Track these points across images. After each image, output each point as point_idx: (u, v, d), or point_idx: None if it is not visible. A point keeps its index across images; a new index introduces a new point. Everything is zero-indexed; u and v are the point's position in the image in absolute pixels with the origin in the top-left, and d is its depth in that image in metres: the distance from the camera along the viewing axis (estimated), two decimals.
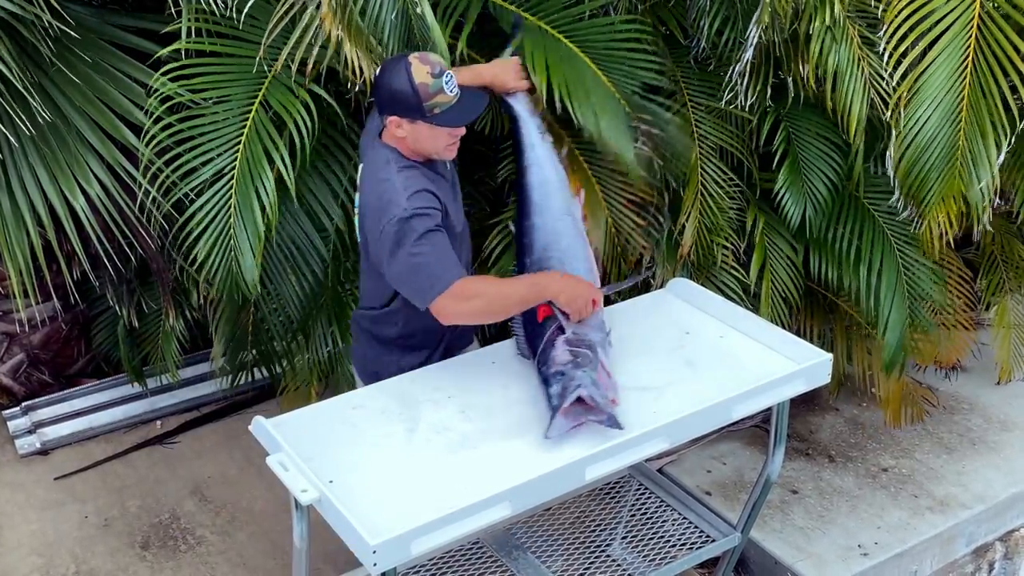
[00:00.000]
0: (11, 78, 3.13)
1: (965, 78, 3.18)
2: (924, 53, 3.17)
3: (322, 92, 3.18)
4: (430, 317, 2.47)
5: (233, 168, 3.18)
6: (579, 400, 2.32)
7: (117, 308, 3.95)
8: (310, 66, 3.09)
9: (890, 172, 3.40)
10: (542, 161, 2.84)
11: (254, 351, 3.71)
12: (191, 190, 3.22)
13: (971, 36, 3.15)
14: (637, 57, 3.34)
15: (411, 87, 2.44)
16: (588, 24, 3.34)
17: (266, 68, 3.20)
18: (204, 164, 3.20)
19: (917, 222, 3.52)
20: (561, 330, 2.52)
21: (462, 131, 2.57)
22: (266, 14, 3.11)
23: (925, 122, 3.23)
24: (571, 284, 2.53)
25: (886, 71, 3.23)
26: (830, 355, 2.59)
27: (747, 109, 3.46)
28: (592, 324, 2.56)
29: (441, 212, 2.51)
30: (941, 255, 3.70)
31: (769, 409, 2.66)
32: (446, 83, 2.47)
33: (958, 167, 3.25)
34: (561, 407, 2.32)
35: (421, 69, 2.45)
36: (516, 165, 2.91)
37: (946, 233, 3.38)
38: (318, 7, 2.92)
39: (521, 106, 2.88)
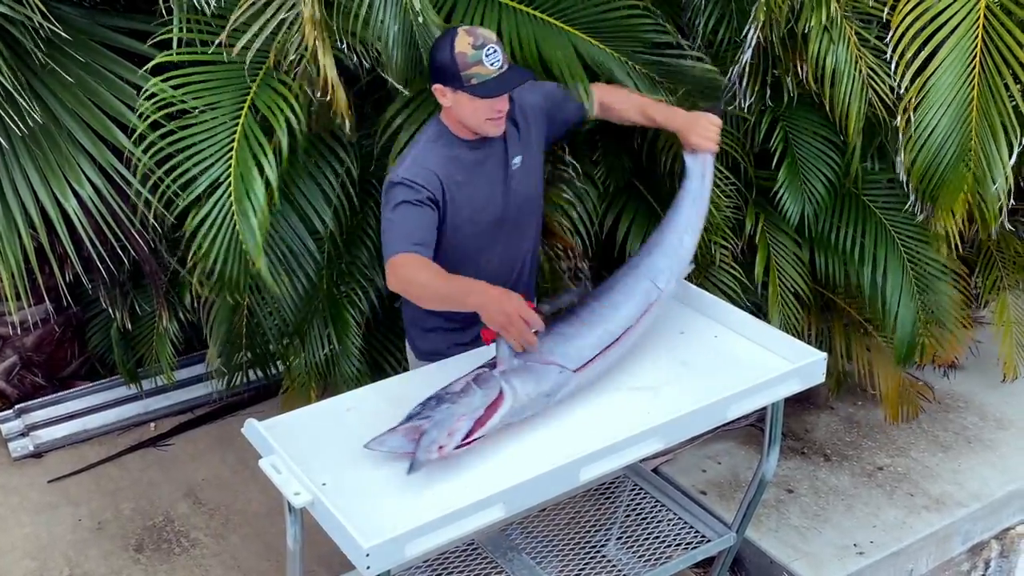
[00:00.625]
0: (1, 80, 3.12)
1: (973, 79, 3.19)
2: (932, 56, 3.17)
3: (300, 94, 3.17)
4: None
5: (229, 175, 3.17)
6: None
7: (110, 310, 3.94)
8: (300, 68, 3.10)
9: (902, 177, 3.42)
10: (675, 227, 2.78)
11: (248, 353, 3.71)
12: (187, 197, 3.21)
13: (977, 37, 3.15)
14: (634, 21, 3.35)
15: (451, 56, 2.52)
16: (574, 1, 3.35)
17: (247, 77, 3.20)
18: (201, 173, 3.19)
19: (934, 223, 3.56)
20: (492, 366, 2.41)
21: (503, 105, 2.59)
22: (254, 18, 3.11)
23: (936, 125, 3.24)
24: (494, 299, 2.39)
25: (895, 76, 3.24)
26: (824, 354, 2.59)
27: (745, 109, 3.46)
28: (537, 379, 2.40)
29: (433, 196, 2.59)
30: (932, 258, 3.71)
31: (764, 408, 2.66)
32: (487, 55, 2.51)
33: (973, 168, 3.26)
34: (398, 425, 2.27)
35: (464, 40, 2.52)
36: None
37: (964, 232, 3.39)
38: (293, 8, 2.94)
39: (695, 165, 2.80)
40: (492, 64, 2.52)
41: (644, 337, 2.71)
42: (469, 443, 2.25)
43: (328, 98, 3.09)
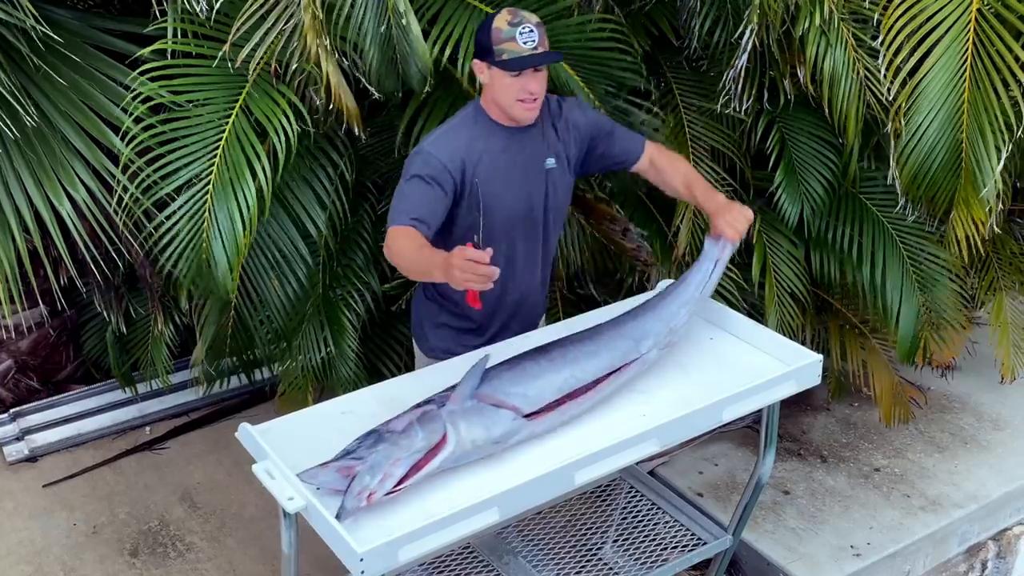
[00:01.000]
0: None
1: (964, 83, 3.18)
2: (923, 59, 3.17)
3: (297, 101, 3.18)
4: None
5: (210, 173, 3.17)
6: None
7: (105, 314, 3.93)
8: (304, 75, 3.11)
9: (892, 178, 3.42)
10: (676, 299, 2.68)
11: (234, 357, 3.70)
12: (170, 193, 3.21)
13: (968, 41, 3.15)
14: (612, 56, 3.35)
15: (488, 30, 2.55)
16: (563, 24, 3.35)
17: (234, 72, 3.21)
18: (184, 166, 3.19)
19: (930, 223, 3.59)
20: (440, 403, 2.31)
21: (535, 87, 2.58)
22: (254, 28, 3.12)
23: (927, 128, 3.24)
24: (448, 267, 2.27)
25: (886, 81, 3.23)
26: (820, 356, 2.58)
27: (742, 112, 3.47)
28: (486, 425, 2.28)
29: (451, 175, 2.59)
30: (931, 256, 3.71)
31: (761, 410, 2.66)
32: (520, 33, 2.52)
33: (968, 170, 3.26)
34: (331, 461, 2.19)
35: (504, 17, 2.55)
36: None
37: (971, 236, 3.38)
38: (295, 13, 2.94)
39: (712, 249, 2.73)
40: (525, 43, 2.53)
41: None
42: (400, 488, 2.14)
43: (332, 105, 3.09)
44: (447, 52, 3.25)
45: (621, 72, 3.38)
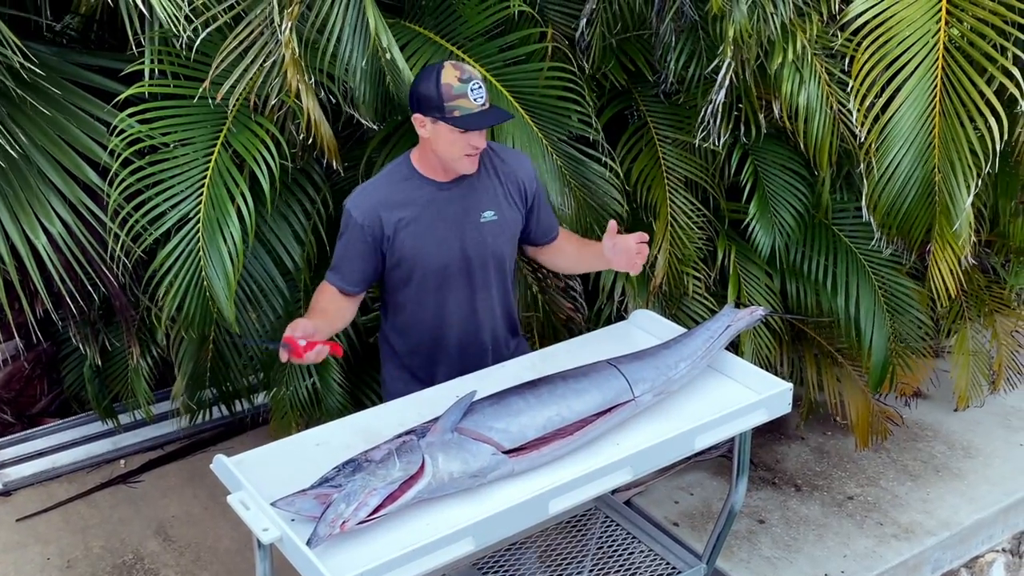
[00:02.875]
0: None
1: (934, 118, 3.24)
2: (893, 96, 3.23)
3: (277, 133, 3.20)
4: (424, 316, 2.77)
5: (198, 212, 3.19)
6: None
7: (81, 347, 3.92)
8: (284, 109, 3.13)
9: (865, 213, 3.47)
10: (678, 351, 2.65)
11: (213, 389, 3.70)
12: (158, 233, 3.22)
13: (936, 77, 3.21)
14: (566, 105, 3.40)
15: (436, 85, 2.54)
16: (519, 69, 3.39)
17: (214, 108, 3.23)
18: (172, 208, 3.20)
19: (907, 256, 3.65)
20: (420, 434, 2.31)
21: (479, 142, 2.61)
22: (234, 64, 3.15)
23: (899, 163, 3.30)
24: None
25: (858, 118, 3.28)
26: (790, 385, 2.61)
27: (719, 145, 3.52)
28: (465, 459, 2.27)
29: (370, 229, 2.67)
30: (900, 285, 3.77)
31: (733, 438, 2.68)
32: (472, 90, 2.54)
33: (943, 204, 3.31)
34: (309, 488, 2.19)
35: (451, 72, 2.55)
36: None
37: (953, 269, 3.42)
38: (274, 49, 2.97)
39: (727, 315, 2.79)
40: (476, 99, 2.55)
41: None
42: (374, 518, 2.14)
43: (311, 138, 3.12)
44: None
45: (571, 122, 3.42)
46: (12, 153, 3.24)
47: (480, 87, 2.56)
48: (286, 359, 2.49)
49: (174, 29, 2.98)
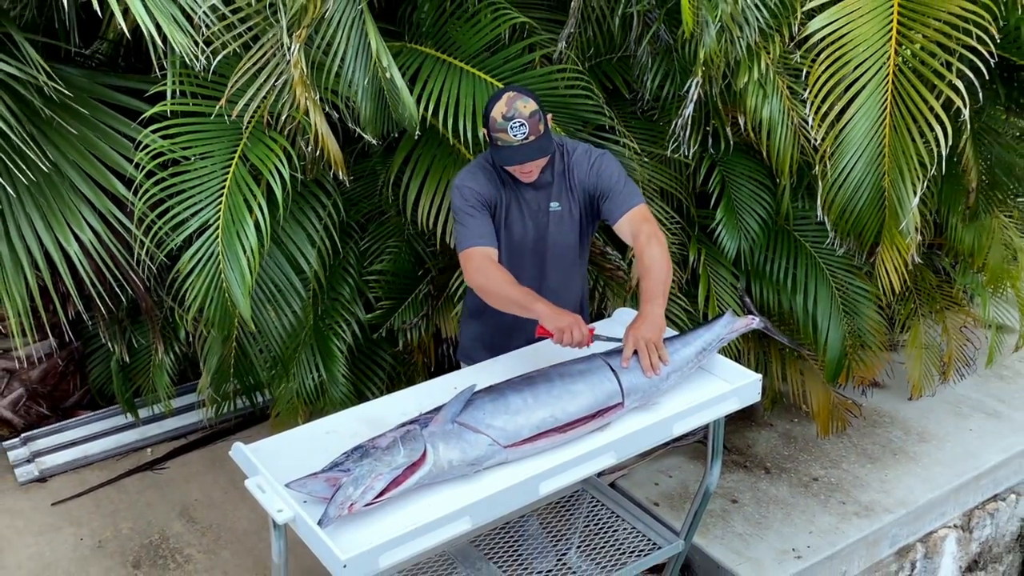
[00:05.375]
0: (9, 133, 3.11)
1: (885, 129, 3.24)
2: (846, 107, 3.23)
3: (289, 147, 3.20)
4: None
5: (218, 219, 3.18)
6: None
7: (109, 345, 3.91)
8: (294, 125, 3.13)
9: (820, 215, 3.46)
10: (671, 365, 2.58)
11: (236, 382, 3.69)
12: (180, 239, 3.22)
13: (887, 91, 3.21)
14: (577, 101, 3.40)
15: (488, 115, 2.64)
16: (531, 74, 3.40)
17: (230, 124, 3.23)
18: (193, 216, 3.19)
19: (859, 256, 3.65)
20: (423, 424, 2.30)
21: (525, 168, 2.67)
22: (248, 83, 3.14)
23: (852, 169, 3.29)
24: (556, 316, 2.52)
25: (813, 128, 3.29)
26: (760, 375, 2.61)
27: (689, 156, 3.52)
28: (464, 448, 2.26)
29: (483, 199, 2.70)
30: (856, 286, 3.77)
31: (708, 425, 2.68)
32: (511, 128, 2.59)
33: (892, 207, 3.31)
34: (320, 472, 2.19)
35: (500, 108, 2.61)
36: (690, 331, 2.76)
37: (899, 268, 3.43)
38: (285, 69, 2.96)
39: (725, 324, 2.75)
40: (515, 135, 2.59)
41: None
42: (379, 500, 2.14)
43: (319, 151, 3.12)
44: (430, 107, 3.29)
45: (586, 113, 3.43)
46: (44, 167, 3.24)
47: (522, 124, 2.59)
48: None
49: (186, 59, 2.98)
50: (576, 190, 2.80)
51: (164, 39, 2.88)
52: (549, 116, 2.72)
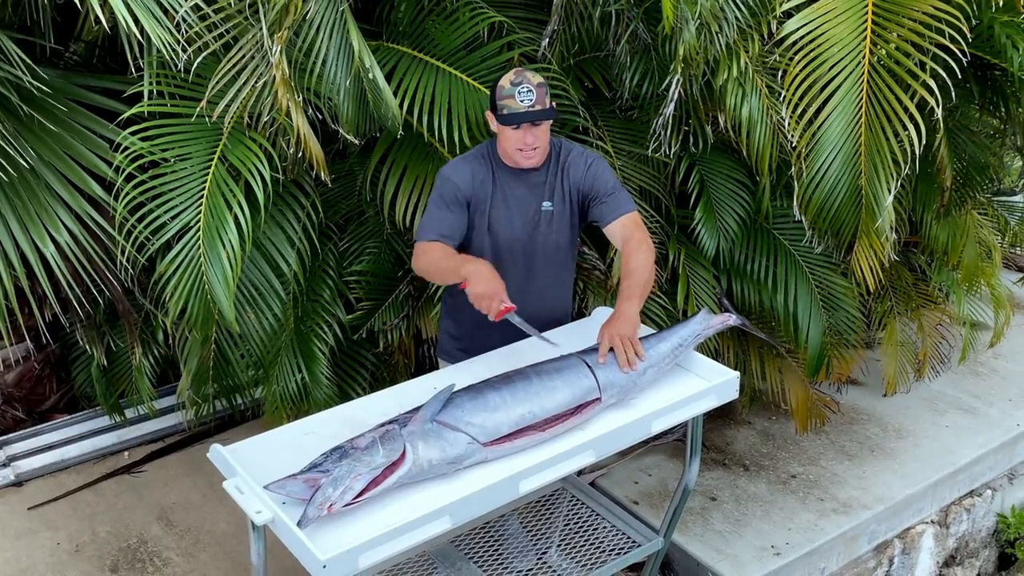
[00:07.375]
0: None
1: (860, 128, 3.26)
2: (823, 106, 3.25)
3: (270, 148, 3.18)
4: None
5: (198, 221, 3.16)
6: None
7: (88, 348, 3.88)
8: (275, 126, 3.11)
9: (798, 215, 3.47)
10: (648, 359, 2.59)
11: (215, 384, 3.67)
12: (161, 242, 3.19)
13: (863, 91, 3.23)
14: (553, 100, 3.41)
15: (495, 86, 2.67)
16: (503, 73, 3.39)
17: (210, 125, 3.20)
18: (173, 218, 3.17)
19: (837, 254, 3.66)
20: (402, 424, 2.29)
21: (532, 140, 2.66)
22: (229, 84, 3.12)
23: (828, 168, 3.31)
24: (483, 279, 2.51)
25: (790, 128, 3.30)
26: (737, 373, 2.62)
27: (669, 155, 3.52)
28: (443, 447, 2.26)
29: (464, 194, 2.70)
30: (835, 284, 3.79)
31: (686, 423, 2.69)
32: (519, 93, 2.60)
33: (868, 205, 3.33)
34: (299, 473, 2.16)
35: (509, 76, 2.65)
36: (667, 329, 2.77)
37: (873, 266, 3.45)
38: (267, 67, 2.94)
39: (701, 321, 2.76)
40: (522, 100, 2.60)
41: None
42: (359, 501, 2.12)
43: (301, 152, 3.10)
44: (405, 104, 3.27)
45: (562, 114, 3.43)
46: (21, 166, 3.20)
47: (530, 90, 2.61)
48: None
49: (168, 57, 2.95)
50: (570, 191, 2.80)
51: (142, 37, 2.86)
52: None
